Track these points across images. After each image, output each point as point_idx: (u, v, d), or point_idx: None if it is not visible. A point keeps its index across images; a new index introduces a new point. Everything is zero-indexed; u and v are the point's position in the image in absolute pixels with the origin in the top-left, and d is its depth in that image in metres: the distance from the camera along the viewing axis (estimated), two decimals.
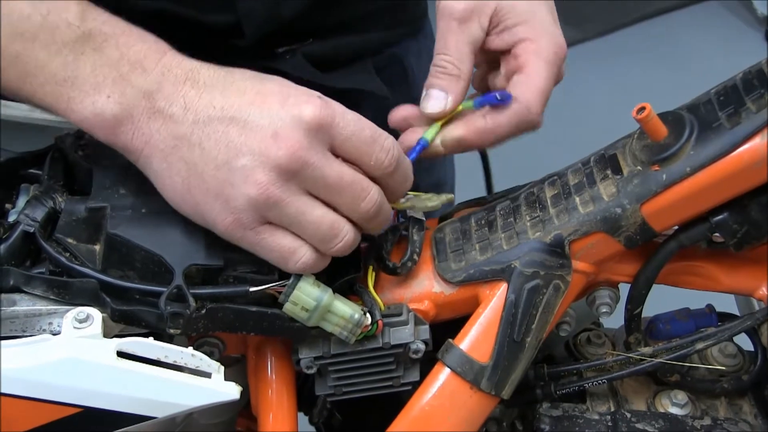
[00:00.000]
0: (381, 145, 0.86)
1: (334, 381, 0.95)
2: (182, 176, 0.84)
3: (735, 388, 1.00)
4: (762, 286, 0.95)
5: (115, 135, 0.85)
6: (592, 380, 0.98)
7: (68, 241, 0.89)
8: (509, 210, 0.96)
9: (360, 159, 0.86)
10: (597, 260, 0.92)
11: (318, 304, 0.87)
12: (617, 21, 3.97)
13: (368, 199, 0.85)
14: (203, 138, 0.83)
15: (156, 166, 0.85)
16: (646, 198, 0.87)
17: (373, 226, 0.88)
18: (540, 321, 0.91)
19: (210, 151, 0.82)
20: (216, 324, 0.88)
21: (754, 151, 0.84)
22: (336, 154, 0.85)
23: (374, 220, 0.87)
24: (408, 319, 0.93)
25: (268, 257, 0.86)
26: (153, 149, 0.84)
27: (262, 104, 0.83)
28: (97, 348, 0.83)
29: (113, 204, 0.89)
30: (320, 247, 0.86)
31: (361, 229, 0.88)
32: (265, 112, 0.82)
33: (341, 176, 0.84)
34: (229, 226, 0.84)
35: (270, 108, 0.83)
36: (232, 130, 0.82)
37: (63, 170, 0.95)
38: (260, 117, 0.82)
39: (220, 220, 0.84)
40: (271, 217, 0.84)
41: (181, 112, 0.83)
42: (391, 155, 0.86)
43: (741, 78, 0.88)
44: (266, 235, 0.85)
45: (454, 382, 0.92)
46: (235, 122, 0.82)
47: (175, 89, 0.83)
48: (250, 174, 0.81)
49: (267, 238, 0.85)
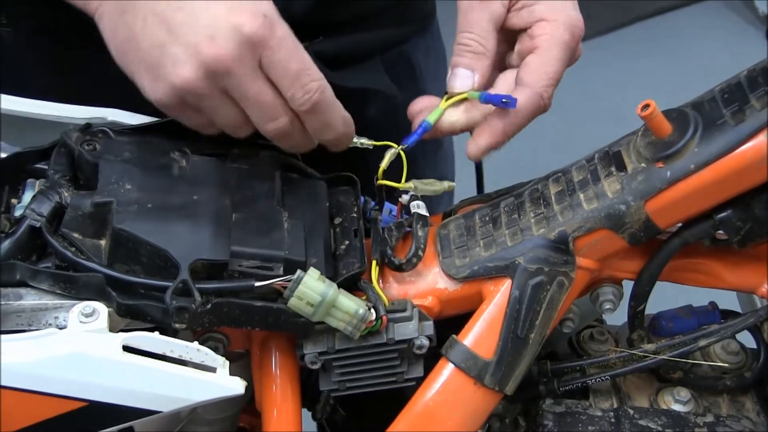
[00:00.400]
0: (301, 82, 0.89)
1: (338, 376, 0.95)
2: (122, 40, 0.90)
3: (737, 385, 1.01)
4: (765, 284, 0.95)
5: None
6: (595, 377, 0.99)
7: (74, 235, 0.89)
8: (513, 206, 0.96)
9: (279, 86, 0.89)
10: (601, 257, 0.93)
11: (323, 299, 0.87)
12: (619, 19, 3.97)
13: (275, 123, 0.91)
14: (148, 13, 0.88)
15: (104, 25, 0.92)
16: (651, 195, 0.88)
17: (282, 146, 0.95)
18: (544, 317, 0.91)
19: (151, 27, 0.88)
20: (221, 319, 0.88)
21: (759, 148, 0.84)
22: (264, 72, 0.89)
23: (281, 141, 0.93)
24: (412, 314, 0.93)
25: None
26: (105, 9, 0.91)
27: (213, 2, 0.87)
28: (103, 342, 0.83)
29: (119, 199, 0.90)
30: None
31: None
32: (212, 11, 0.86)
33: (259, 94, 0.89)
34: (154, 100, 0.90)
35: (217, 8, 0.86)
36: (178, 15, 0.87)
37: (69, 165, 0.95)
38: (205, 14, 0.86)
39: (148, 91, 0.90)
40: (190, 103, 0.90)
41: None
42: (307, 97, 0.89)
43: (746, 76, 0.88)
44: (183, 116, 0.92)
45: (458, 377, 0.92)
46: (181, 10, 0.87)
47: None
48: (178, 64, 0.87)
49: (184, 118, 0.93)
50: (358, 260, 0.94)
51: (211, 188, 0.94)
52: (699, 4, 4.08)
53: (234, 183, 0.96)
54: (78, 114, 1.01)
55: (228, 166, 0.97)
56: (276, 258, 0.89)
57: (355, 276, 0.93)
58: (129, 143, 0.97)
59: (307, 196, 0.99)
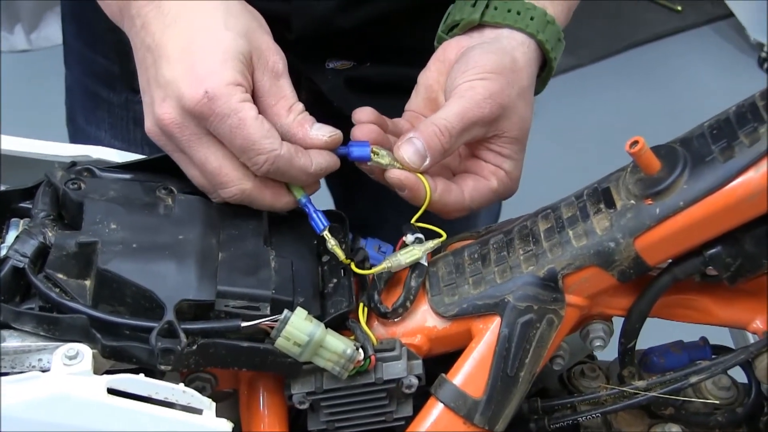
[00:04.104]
0: (247, 156, 0.90)
1: (327, 416, 0.94)
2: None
3: (729, 421, 1.00)
4: (756, 319, 0.95)
5: (120, 19, 0.99)
6: (585, 414, 0.98)
7: (58, 276, 0.88)
8: (502, 244, 0.95)
9: (234, 154, 0.92)
10: (590, 294, 0.92)
11: (310, 339, 0.86)
12: (611, 47, 3.98)
13: (226, 191, 0.93)
14: (140, 60, 0.94)
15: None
16: (640, 232, 0.87)
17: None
18: (533, 355, 0.91)
19: (141, 73, 0.94)
20: (208, 360, 0.87)
21: (748, 184, 0.84)
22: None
23: (239, 202, 0.95)
24: (401, 353, 0.92)
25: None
26: (132, 39, 0.97)
27: (179, 60, 0.90)
28: (87, 385, 0.82)
29: (104, 239, 0.89)
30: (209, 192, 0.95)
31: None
32: (174, 71, 0.90)
33: (205, 161, 0.92)
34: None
35: (179, 69, 0.90)
36: (152, 70, 0.92)
37: (53, 204, 0.94)
38: (168, 73, 0.90)
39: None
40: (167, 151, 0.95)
41: (139, 26, 0.94)
42: (257, 168, 0.91)
43: (734, 111, 0.87)
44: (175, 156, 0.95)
45: (447, 417, 0.91)
46: (155, 66, 0.91)
47: (144, 4, 0.94)
48: (147, 114, 0.93)
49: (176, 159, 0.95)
50: (347, 299, 0.94)
51: (197, 227, 0.93)
52: (691, 32, 4.10)
53: (220, 221, 0.95)
54: (63, 152, 1.01)
55: (214, 204, 0.96)
56: (263, 297, 0.89)
57: (343, 315, 0.93)
58: (114, 181, 0.97)
59: (295, 233, 0.99)
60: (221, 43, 0.91)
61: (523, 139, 1.02)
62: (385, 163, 0.97)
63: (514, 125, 1.00)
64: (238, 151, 0.90)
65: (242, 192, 0.92)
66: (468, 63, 1.00)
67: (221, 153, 0.91)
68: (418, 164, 0.96)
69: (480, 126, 0.99)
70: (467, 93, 0.98)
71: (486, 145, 1.02)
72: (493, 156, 1.02)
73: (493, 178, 1.01)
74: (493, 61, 1.00)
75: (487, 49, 1.02)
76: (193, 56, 0.90)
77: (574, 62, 3.80)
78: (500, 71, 0.99)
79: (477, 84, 0.98)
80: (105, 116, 1.36)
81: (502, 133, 1.00)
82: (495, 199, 1.02)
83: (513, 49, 1.02)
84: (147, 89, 0.93)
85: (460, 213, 1.01)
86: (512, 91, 0.99)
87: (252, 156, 0.90)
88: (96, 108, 1.36)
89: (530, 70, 1.03)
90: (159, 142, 0.93)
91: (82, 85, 1.39)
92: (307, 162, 0.93)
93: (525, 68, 1.02)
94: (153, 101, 0.91)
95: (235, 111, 0.89)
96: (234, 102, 0.89)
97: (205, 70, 0.89)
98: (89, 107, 1.38)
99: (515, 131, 1.01)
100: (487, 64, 0.99)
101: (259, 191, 0.93)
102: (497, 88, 0.98)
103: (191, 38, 0.91)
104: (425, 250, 0.96)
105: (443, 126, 0.96)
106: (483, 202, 1.02)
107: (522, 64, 1.02)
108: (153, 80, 0.91)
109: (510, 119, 1.00)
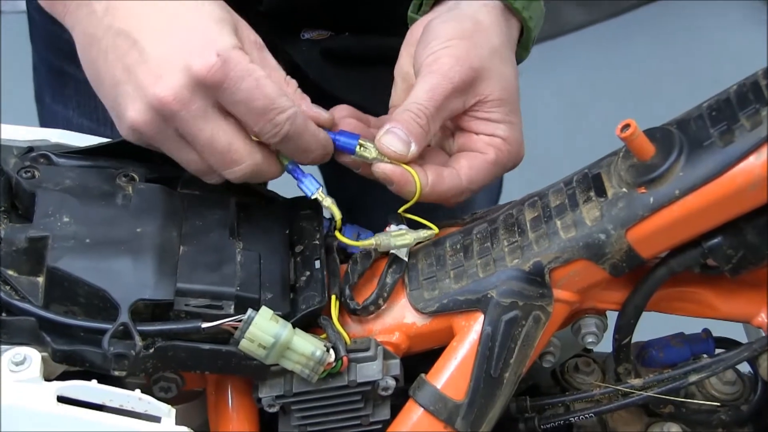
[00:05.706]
0: (268, 118, 0.85)
1: (299, 420, 0.88)
2: (91, 76, 0.88)
3: (734, 420, 0.95)
4: (761, 313, 0.88)
5: (52, 6, 0.91)
6: (579, 414, 0.92)
7: (9, 272, 0.83)
8: (486, 234, 0.89)
9: (246, 124, 0.86)
10: (580, 288, 0.86)
11: (276, 340, 0.81)
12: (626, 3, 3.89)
13: (234, 170, 0.87)
14: (109, 48, 0.85)
15: (78, 50, 0.90)
16: (632, 223, 0.81)
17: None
18: (519, 355, 0.85)
19: (111, 65, 0.85)
20: (166, 363, 0.82)
21: (749, 172, 0.77)
22: (223, 110, 0.85)
23: (250, 182, 0.90)
24: (376, 354, 0.86)
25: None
26: (77, 35, 0.89)
27: (168, 34, 0.84)
28: (36, 393, 0.78)
29: (55, 233, 0.83)
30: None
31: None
32: (165, 46, 0.84)
33: (212, 139, 0.85)
34: (124, 136, 0.88)
35: (171, 43, 0.84)
36: (133, 53, 0.84)
37: (6, 194, 0.88)
38: (158, 49, 0.83)
39: (118, 126, 0.88)
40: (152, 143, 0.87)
41: (102, 11, 0.86)
42: (276, 130, 0.85)
43: (735, 91, 0.80)
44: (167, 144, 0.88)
45: (427, 421, 0.85)
46: (136, 47, 0.84)
47: None
48: (130, 104, 0.84)
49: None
50: (319, 294, 0.87)
51: (157, 219, 0.87)
52: None
53: (183, 212, 0.89)
54: (19, 136, 0.94)
55: (177, 192, 0.90)
56: (226, 295, 0.84)
57: (314, 312, 0.87)
58: (71, 169, 0.91)
59: (266, 222, 0.93)
60: (212, 13, 0.86)
61: (510, 99, 0.95)
62: (371, 157, 0.91)
63: (494, 86, 0.94)
64: (256, 116, 0.84)
65: (255, 166, 0.87)
66: (428, 36, 0.95)
67: (230, 127, 0.85)
68: (404, 151, 0.90)
69: (455, 96, 0.92)
70: (433, 66, 0.92)
71: (472, 114, 0.95)
72: (483, 125, 0.95)
73: (490, 149, 0.95)
74: (452, 27, 0.95)
75: (446, 18, 0.96)
76: (185, 27, 0.85)
77: (588, 18, 3.72)
78: (462, 35, 0.94)
79: (441, 54, 0.93)
80: (72, 94, 1.30)
81: (485, 97, 0.94)
82: (498, 172, 0.96)
83: (475, 12, 0.96)
84: (126, 78, 0.84)
85: (460, 197, 0.94)
86: (481, 51, 0.93)
87: (273, 116, 0.84)
88: (63, 86, 1.30)
89: (498, 29, 0.96)
90: (148, 133, 0.85)
91: (47, 62, 1.34)
92: (315, 127, 0.89)
93: (491, 27, 0.96)
94: (142, 86, 0.83)
95: (249, 71, 0.83)
96: (247, 62, 0.84)
97: (207, 37, 0.84)
98: (56, 85, 1.32)
99: (498, 92, 0.94)
100: (448, 32, 0.94)
101: (268, 163, 0.88)
102: (462, 53, 0.92)
103: (174, 13, 0.85)
104: (417, 238, 0.90)
105: (416, 109, 0.90)
106: (484, 179, 0.95)
107: (487, 24, 0.96)
108: (136, 64, 0.84)
109: (488, 80, 0.94)
